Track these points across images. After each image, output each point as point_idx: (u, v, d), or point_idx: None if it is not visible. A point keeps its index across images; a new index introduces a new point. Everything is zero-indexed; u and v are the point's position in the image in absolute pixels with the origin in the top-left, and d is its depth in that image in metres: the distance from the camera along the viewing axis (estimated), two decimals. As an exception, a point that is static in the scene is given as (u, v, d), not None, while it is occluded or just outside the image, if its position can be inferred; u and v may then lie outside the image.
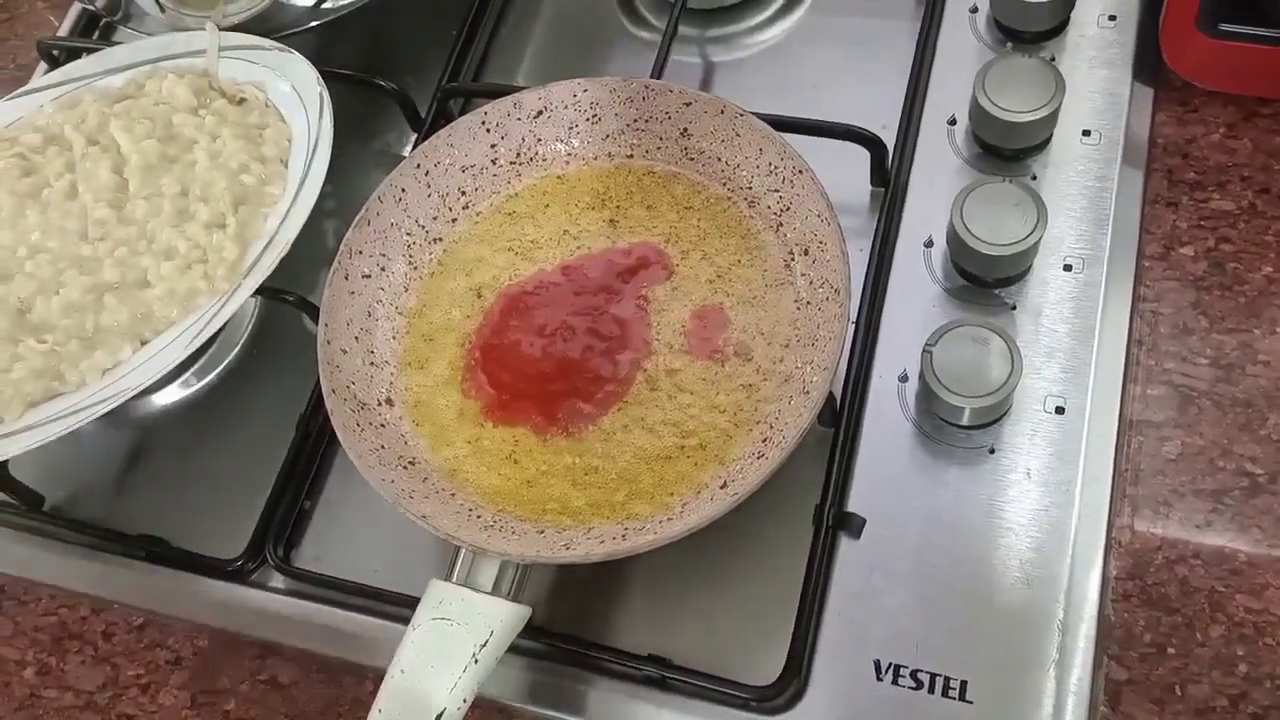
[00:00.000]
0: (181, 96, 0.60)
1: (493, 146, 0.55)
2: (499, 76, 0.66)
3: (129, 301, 0.54)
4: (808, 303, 0.49)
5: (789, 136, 0.52)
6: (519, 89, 0.55)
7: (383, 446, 0.48)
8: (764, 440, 0.46)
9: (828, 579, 0.48)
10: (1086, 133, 0.55)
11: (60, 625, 0.56)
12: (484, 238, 0.55)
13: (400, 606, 0.51)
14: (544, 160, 0.55)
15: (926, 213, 0.55)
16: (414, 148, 0.62)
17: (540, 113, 0.55)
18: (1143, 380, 0.51)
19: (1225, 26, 0.52)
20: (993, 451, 0.50)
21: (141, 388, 0.52)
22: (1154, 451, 0.49)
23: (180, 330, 0.54)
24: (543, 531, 0.46)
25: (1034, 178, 0.54)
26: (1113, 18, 0.58)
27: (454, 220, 0.55)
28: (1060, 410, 0.50)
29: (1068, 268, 0.52)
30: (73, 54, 0.67)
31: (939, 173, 0.56)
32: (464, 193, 0.55)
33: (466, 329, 0.52)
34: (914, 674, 0.46)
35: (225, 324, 0.53)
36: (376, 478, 0.46)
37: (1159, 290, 0.52)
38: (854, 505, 0.50)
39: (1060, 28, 0.58)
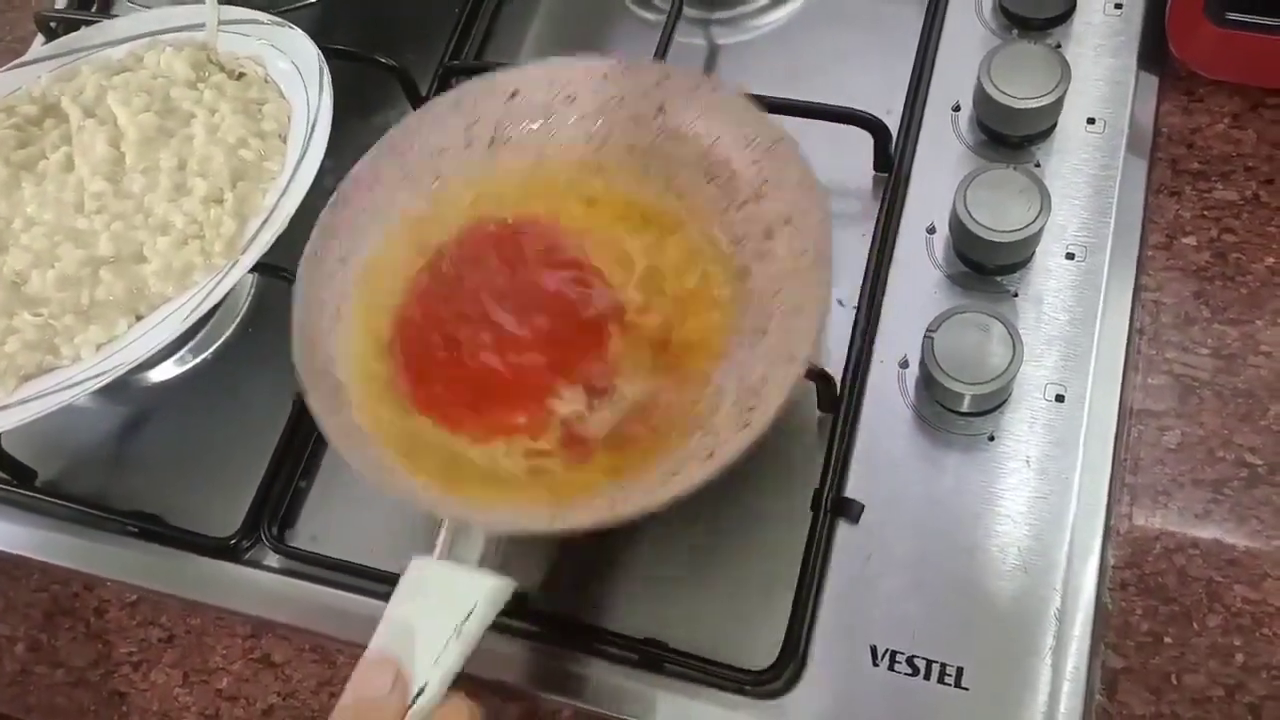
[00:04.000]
0: (180, 70, 0.59)
1: (467, 129, 0.53)
2: (502, 55, 0.65)
3: (124, 276, 0.54)
4: (791, 271, 0.47)
5: (794, 120, 0.51)
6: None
7: (357, 428, 0.47)
8: (750, 409, 0.44)
9: (825, 564, 0.48)
10: (1091, 121, 0.55)
11: (52, 601, 0.56)
12: (452, 218, 0.53)
13: (394, 586, 0.51)
14: (518, 143, 0.54)
15: (929, 198, 0.55)
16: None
17: (515, 93, 0.53)
18: (1143, 369, 0.50)
19: (1232, 15, 0.52)
20: (992, 439, 0.49)
21: (136, 363, 0.51)
22: (1154, 441, 0.49)
23: (176, 306, 0.53)
24: (529, 502, 0.45)
25: (1038, 165, 0.54)
26: (1119, 5, 0.57)
27: (429, 203, 0.53)
28: (1060, 398, 0.50)
29: (1070, 256, 0.52)
30: (70, 26, 0.67)
31: (942, 158, 0.56)
32: (438, 176, 0.53)
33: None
34: (910, 660, 0.46)
35: (222, 300, 0.52)
36: (355, 457, 0.46)
37: (1161, 280, 0.52)
38: (853, 491, 0.49)
39: (1066, 15, 0.57)
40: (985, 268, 0.52)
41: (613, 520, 0.42)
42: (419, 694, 0.40)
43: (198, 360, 0.60)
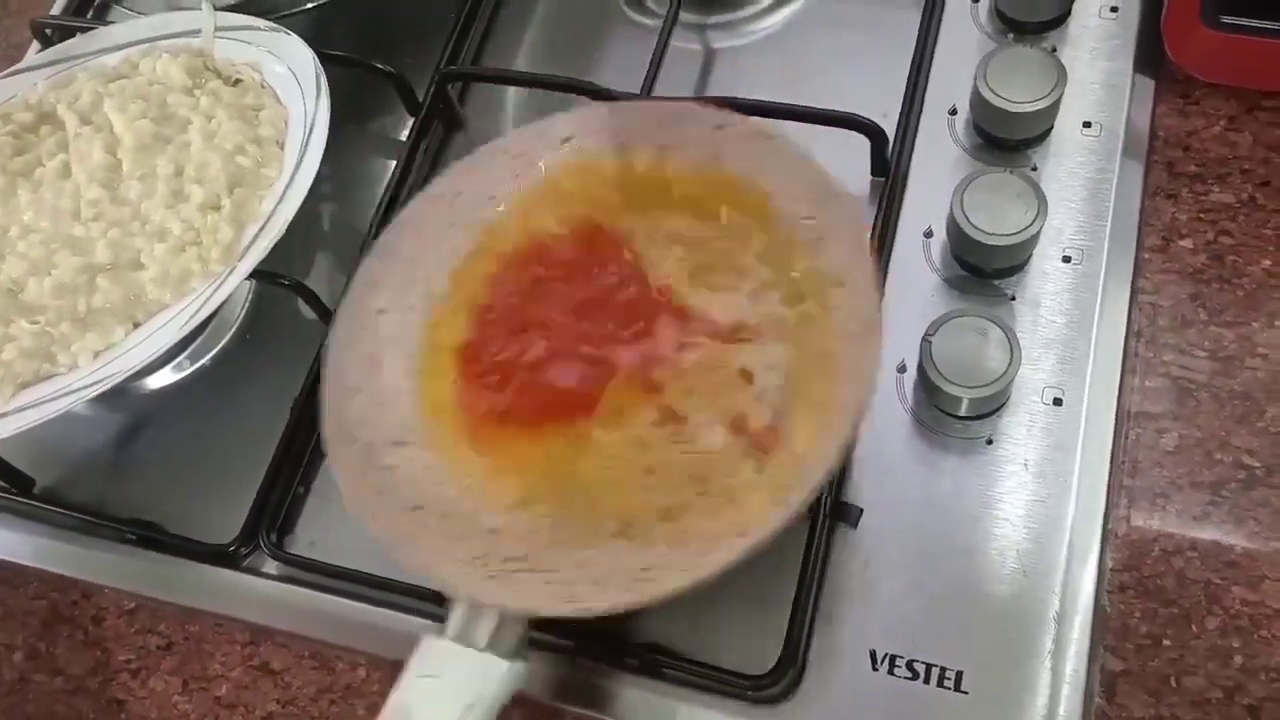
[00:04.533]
0: (176, 76, 0.59)
1: (516, 176, 0.52)
2: (498, 60, 0.65)
3: (121, 283, 0.54)
4: (842, 336, 0.45)
5: (790, 125, 0.51)
6: (519, 76, 0.53)
7: (384, 490, 0.46)
8: (786, 486, 0.42)
9: (824, 568, 0.48)
10: (1087, 124, 0.55)
11: (50, 609, 0.56)
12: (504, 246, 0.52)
13: (394, 593, 0.51)
14: (569, 189, 0.52)
15: (926, 203, 0.55)
16: (411, 133, 0.61)
17: (568, 139, 0.52)
18: (1141, 372, 0.50)
19: (1228, 19, 0.52)
20: (990, 442, 0.49)
21: (134, 370, 0.51)
22: (1151, 443, 0.49)
23: (173, 313, 0.53)
24: (549, 583, 0.43)
25: (1034, 169, 0.54)
26: (1115, 9, 0.57)
27: (476, 252, 0.52)
28: (1058, 401, 0.50)
29: (1067, 259, 0.52)
30: (66, 33, 0.67)
31: (939, 163, 0.56)
32: (485, 221, 0.52)
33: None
34: (910, 664, 0.46)
35: (219, 307, 0.52)
36: (376, 525, 0.44)
37: (1158, 282, 0.52)
38: (851, 495, 0.49)
39: (1062, 18, 0.57)
40: (982, 271, 0.52)
41: (632, 604, 0.41)
42: None
43: (195, 367, 0.60)
